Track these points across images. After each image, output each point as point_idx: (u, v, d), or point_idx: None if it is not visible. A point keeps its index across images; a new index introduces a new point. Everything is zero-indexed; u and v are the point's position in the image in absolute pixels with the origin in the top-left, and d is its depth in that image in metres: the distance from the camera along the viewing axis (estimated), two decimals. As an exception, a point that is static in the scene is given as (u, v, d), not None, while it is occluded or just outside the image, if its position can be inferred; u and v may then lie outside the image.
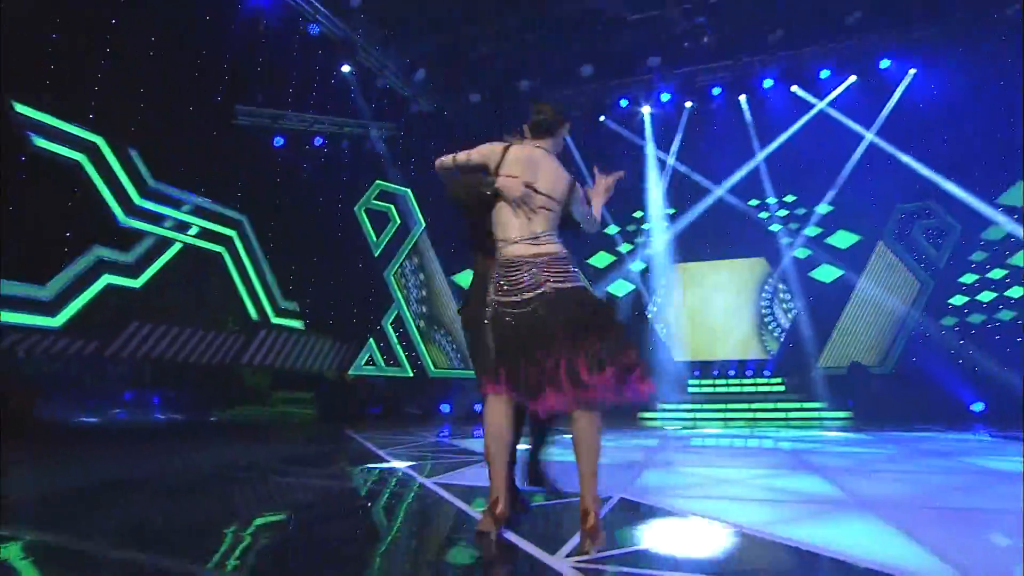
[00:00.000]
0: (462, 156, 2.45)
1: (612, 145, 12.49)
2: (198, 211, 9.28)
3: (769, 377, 11.95)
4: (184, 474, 4.29)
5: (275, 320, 10.48)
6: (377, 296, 12.19)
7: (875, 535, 2.37)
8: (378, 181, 12.36)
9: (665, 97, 11.74)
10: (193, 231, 9.18)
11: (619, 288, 13.44)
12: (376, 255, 12.30)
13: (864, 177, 11.66)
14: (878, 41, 10.28)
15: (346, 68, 10.49)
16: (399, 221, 12.69)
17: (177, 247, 8.80)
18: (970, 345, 10.29)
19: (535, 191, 2.27)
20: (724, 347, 12.63)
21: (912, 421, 9.06)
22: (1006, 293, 10.25)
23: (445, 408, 11.76)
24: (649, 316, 13.27)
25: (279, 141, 10.72)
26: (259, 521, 2.87)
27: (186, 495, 3.50)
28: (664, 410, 11.81)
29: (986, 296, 10.46)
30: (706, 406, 11.50)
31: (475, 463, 4.93)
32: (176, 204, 8.86)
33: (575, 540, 2.17)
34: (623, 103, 12.01)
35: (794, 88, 11.33)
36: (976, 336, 10.34)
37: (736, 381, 11.99)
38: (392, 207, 12.65)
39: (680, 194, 12.80)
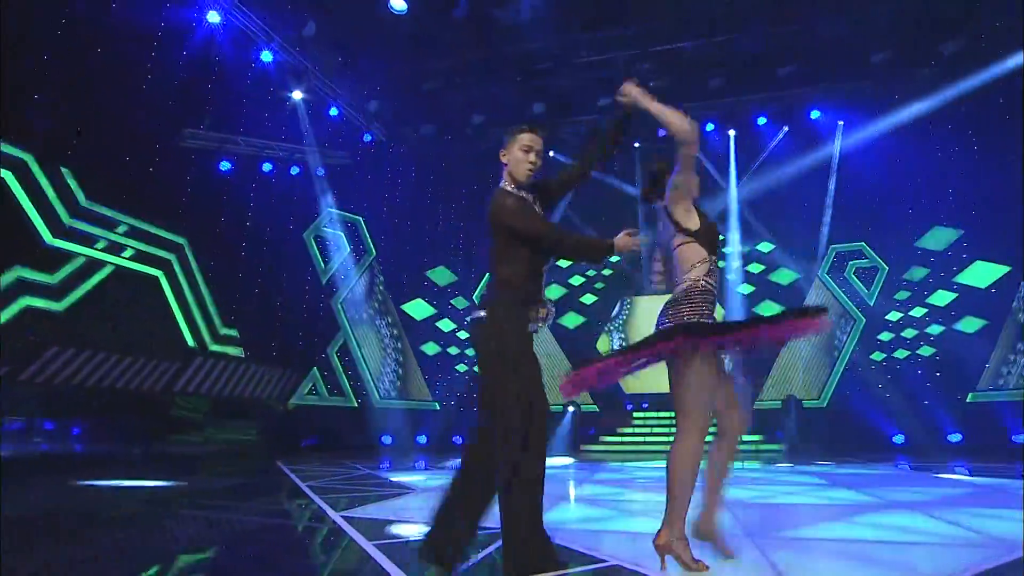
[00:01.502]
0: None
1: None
2: (135, 233, 9.01)
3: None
4: (69, 510, 4.08)
5: (213, 347, 10.16)
6: (323, 324, 11.98)
7: (747, 565, 2.44)
8: (329, 208, 12.29)
9: (615, 136, 12.15)
10: (128, 253, 8.89)
11: (570, 320, 13.59)
12: (324, 282, 12.14)
13: (802, 218, 12.25)
14: (810, 93, 10.95)
15: (298, 95, 10.52)
16: (349, 249, 12.60)
17: (109, 269, 8.50)
18: (895, 379, 10.77)
19: None
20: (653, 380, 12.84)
21: (841, 453, 9.36)
22: (926, 330, 10.82)
23: (387, 440, 11.53)
24: (602, 346, 13.42)
25: (226, 165, 10.58)
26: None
27: (56, 533, 3.33)
28: (606, 442, 11.89)
29: (909, 333, 11.01)
30: (649, 438, 11.63)
31: (398, 495, 4.85)
32: (110, 225, 8.59)
33: None
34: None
35: (732, 132, 11.91)
36: (900, 371, 10.84)
37: (655, 415, 12.17)
38: (343, 235, 12.56)
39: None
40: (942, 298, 10.68)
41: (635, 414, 12.51)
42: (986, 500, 4.64)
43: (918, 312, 10.94)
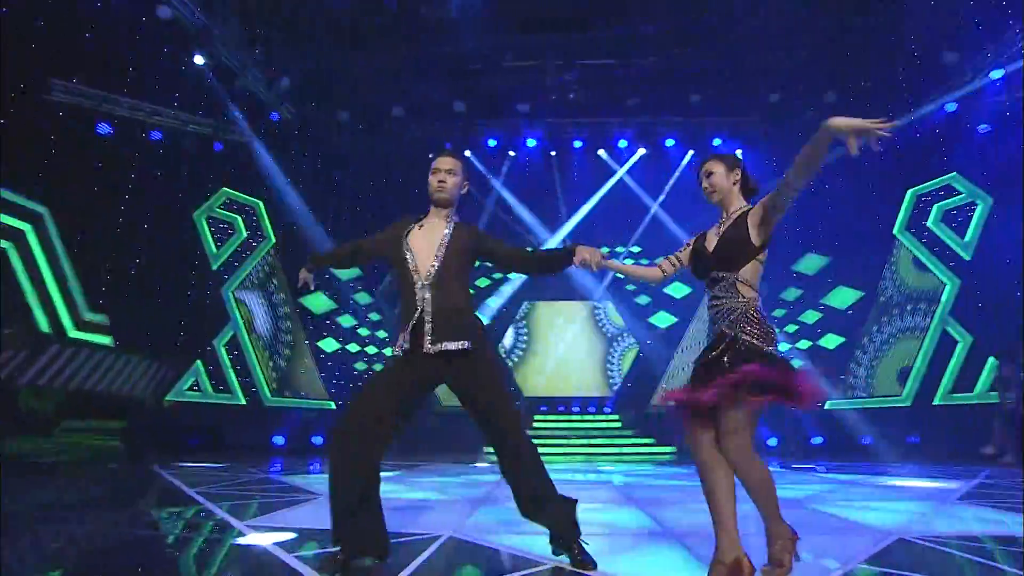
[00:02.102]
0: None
1: (474, 183, 12.78)
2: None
3: (609, 413, 12.73)
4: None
5: (73, 334, 8.89)
6: (211, 313, 10.94)
7: (678, 564, 2.58)
8: (224, 189, 11.28)
9: (531, 143, 12.33)
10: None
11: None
12: (214, 268, 11.10)
13: (692, 234, 13.18)
14: (716, 121, 11.82)
15: (199, 60, 9.53)
16: (245, 234, 11.63)
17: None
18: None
19: None
20: (571, 384, 13.23)
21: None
22: (797, 345, 12.10)
23: (279, 440, 10.77)
24: (501, 351, 13.50)
25: (104, 128, 9.34)
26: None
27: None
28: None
29: (783, 346, 12.22)
30: (550, 440, 11.90)
31: (300, 502, 4.52)
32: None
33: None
34: (491, 143, 12.38)
35: (642, 151, 12.56)
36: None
37: (578, 417, 12.58)
38: (239, 218, 11.57)
39: (537, 234, 13.40)
40: (811, 316, 11.99)
41: (535, 417, 12.74)
42: (852, 494, 5.27)
43: (791, 328, 12.20)
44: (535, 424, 12.55)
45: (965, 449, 8.52)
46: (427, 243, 2.67)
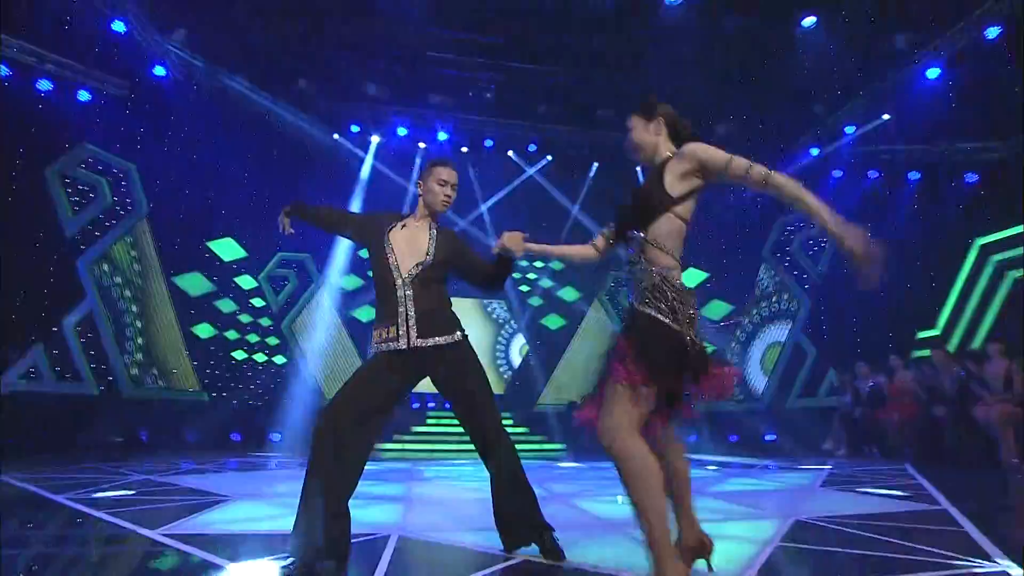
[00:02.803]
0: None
1: (378, 176, 12.44)
2: None
3: (501, 411, 12.94)
4: None
5: None
6: (61, 288, 9.36)
7: (633, 550, 2.74)
8: (89, 145, 9.72)
9: (442, 136, 12.17)
10: None
11: (365, 313, 13.06)
12: (69, 235, 9.52)
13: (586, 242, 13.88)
14: (619, 137, 12.52)
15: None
16: (111, 200, 10.12)
17: None
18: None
19: None
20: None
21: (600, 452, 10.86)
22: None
23: (143, 436, 9.54)
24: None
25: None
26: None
27: None
28: (400, 440, 11.72)
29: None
30: (442, 437, 11.83)
31: (215, 504, 4.10)
32: None
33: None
34: (401, 131, 12.02)
35: (548, 157, 12.96)
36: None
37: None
38: (104, 181, 10.04)
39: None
40: (688, 326, 13.17)
41: (429, 413, 12.58)
42: (736, 484, 5.84)
43: (671, 336, 13.31)
44: (428, 421, 12.40)
45: (811, 445, 9.90)
46: (409, 246, 2.69)
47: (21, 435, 7.96)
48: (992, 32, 8.34)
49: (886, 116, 10.31)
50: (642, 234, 2.03)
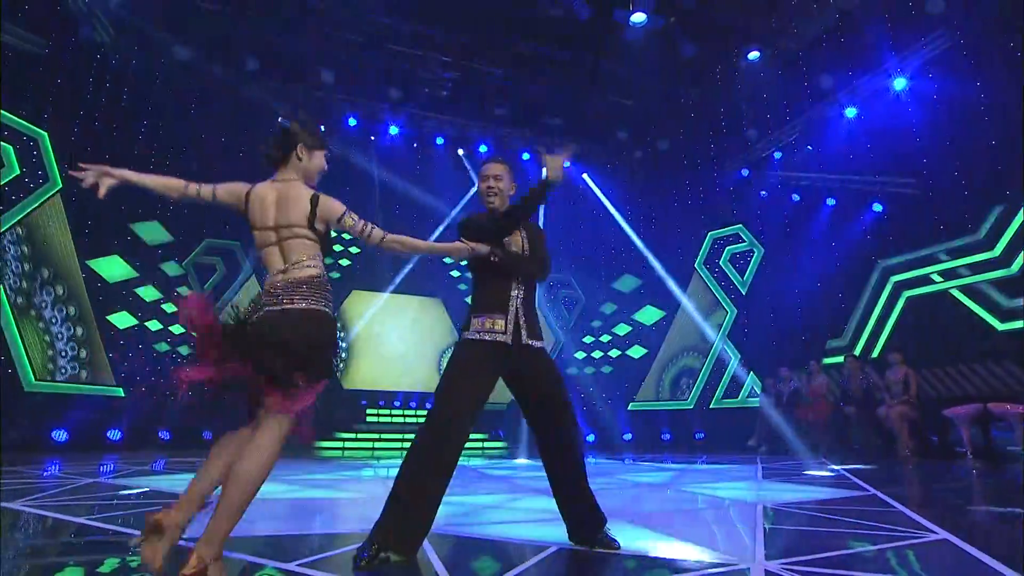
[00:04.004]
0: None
1: (336, 164, 11.92)
2: None
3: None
4: None
5: None
6: (-45, 268, 8.26)
7: (648, 535, 3.01)
8: (-4, 107, 8.62)
9: (393, 130, 11.95)
10: None
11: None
12: (-33, 209, 8.42)
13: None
14: (568, 146, 12.85)
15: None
16: (18, 171, 9.04)
17: None
18: (583, 390, 13.41)
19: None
20: (406, 379, 13.07)
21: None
22: (609, 353, 13.83)
23: (61, 436, 8.64)
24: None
25: None
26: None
27: None
28: (340, 439, 11.41)
29: (597, 354, 13.87)
30: (384, 435, 11.64)
31: (141, 504, 3.92)
32: None
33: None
34: (351, 121, 11.67)
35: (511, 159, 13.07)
36: (588, 383, 13.54)
37: (413, 412, 12.53)
38: (11, 149, 8.94)
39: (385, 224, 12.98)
40: (622, 329, 13.81)
41: (367, 412, 12.34)
42: (687, 479, 6.29)
43: (605, 338, 13.88)
44: (369, 419, 12.16)
45: (735, 443, 10.75)
46: (515, 243, 2.79)
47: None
48: (899, 84, 9.55)
49: (809, 147, 11.39)
50: None
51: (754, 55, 9.81)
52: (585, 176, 13.40)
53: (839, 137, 10.68)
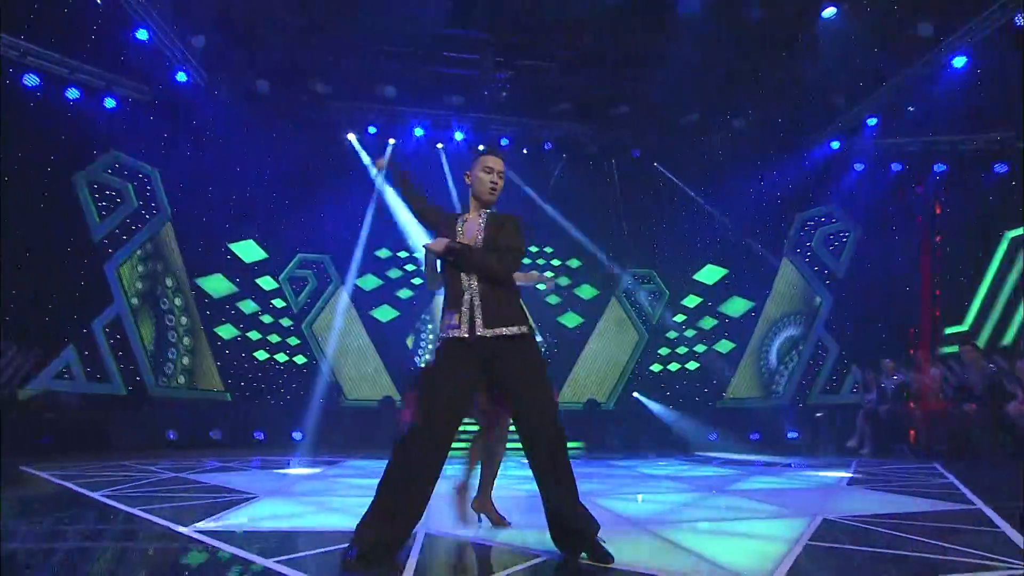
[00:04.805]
0: None
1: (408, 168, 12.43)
2: None
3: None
4: None
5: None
6: (90, 292, 9.61)
7: (663, 549, 2.74)
8: (116, 152, 9.96)
9: (459, 136, 12.22)
10: None
11: (383, 313, 13.17)
12: (97, 240, 9.77)
13: (604, 242, 13.77)
14: (634, 135, 12.43)
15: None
16: (136, 205, 10.37)
17: None
18: (668, 387, 12.83)
19: None
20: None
21: (628, 449, 10.86)
22: (694, 348, 13.12)
23: (171, 435, 9.76)
24: (409, 343, 13.23)
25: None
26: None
27: None
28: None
29: (681, 349, 13.21)
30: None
31: (243, 502, 4.19)
32: None
33: None
34: (418, 132, 12.09)
35: (564, 155, 12.91)
36: (674, 380, 12.95)
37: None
38: (130, 186, 10.28)
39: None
40: (708, 323, 13.05)
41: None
42: (761, 482, 5.84)
43: (690, 333, 13.20)
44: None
45: (834, 443, 9.74)
46: (469, 237, 2.75)
47: (55, 433, 8.21)
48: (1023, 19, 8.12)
49: (910, 108, 10.10)
50: None
51: (830, 11, 8.87)
52: (656, 165, 12.85)
53: (946, 92, 9.34)
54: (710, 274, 13.12)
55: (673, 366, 13.20)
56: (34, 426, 8.42)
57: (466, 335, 2.59)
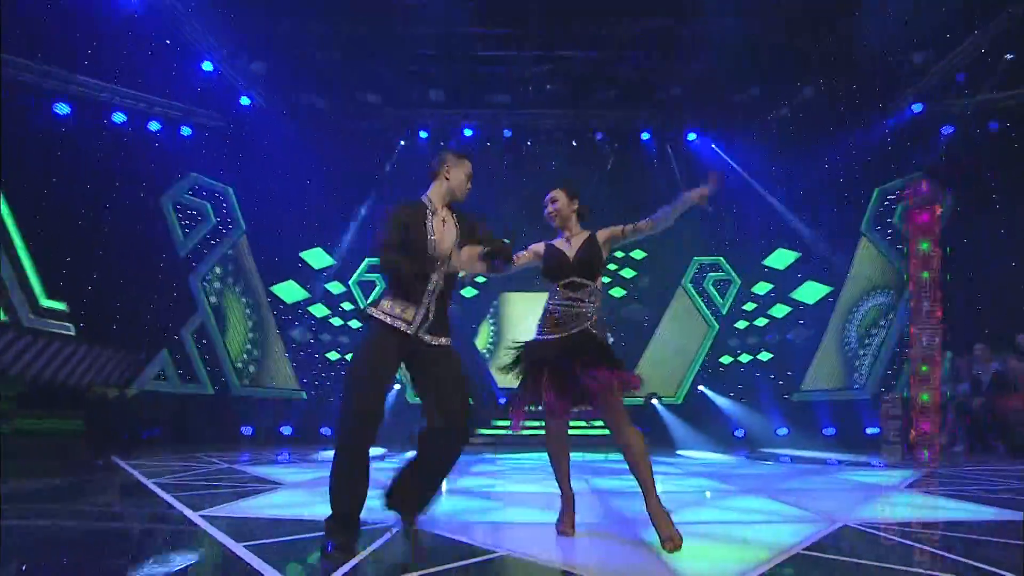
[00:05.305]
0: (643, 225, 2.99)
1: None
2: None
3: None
4: None
5: (31, 322, 8.63)
6: (179, 301, 10.70)
7: (622, 551, 2.60)
8: (194, 174, 11.00)
9: (507, 133, 12.26)
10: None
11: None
12: (182, 256, 10.85)
13: (669, 230, 13.24)
14: (690, 116, 11.87)
15: (167, 41, 9.26)
16: (215, 221, 11.38)
17: None
18: (739, 380, 12.14)
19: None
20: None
21: (692, 444, 10.41)
22: (766, 338, 12.32)
23: (247, 431, 10.65)
24: (479, 343, 13.46)
25: (64, 109, 9.02)
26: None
27: None
28: (481, 435, 12.01)
29: (752, 339, 12.45)
30: (521, 432, 11.95)
31: (264, 491, 4.49)
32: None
33: None
34: (467, 132, 12.27)
35: (618, 145, 12.56)
36: (743, 372, 12.24)
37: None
38: (208, 204, 11.31)
39: (515, 226, 13.34)
40: (780, 310, 12.19)
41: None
42: (810, 482, 5.42)
43: (761, 322, 12.40)
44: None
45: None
46: (448, 234, 2.84)
47: (148, 427, 9.25)
48: None
49: (1008, 55, 8.85)
50: (594, 284, 2.89)
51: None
52: (715, 148, 12.17)
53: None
54: (781, 259, 12.24)
55: (744, 357, 12.48)
56: (139, 422, 9.55)
57: (409, 332, 2.70)
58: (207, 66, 9.96)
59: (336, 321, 12.93)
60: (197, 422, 10.29)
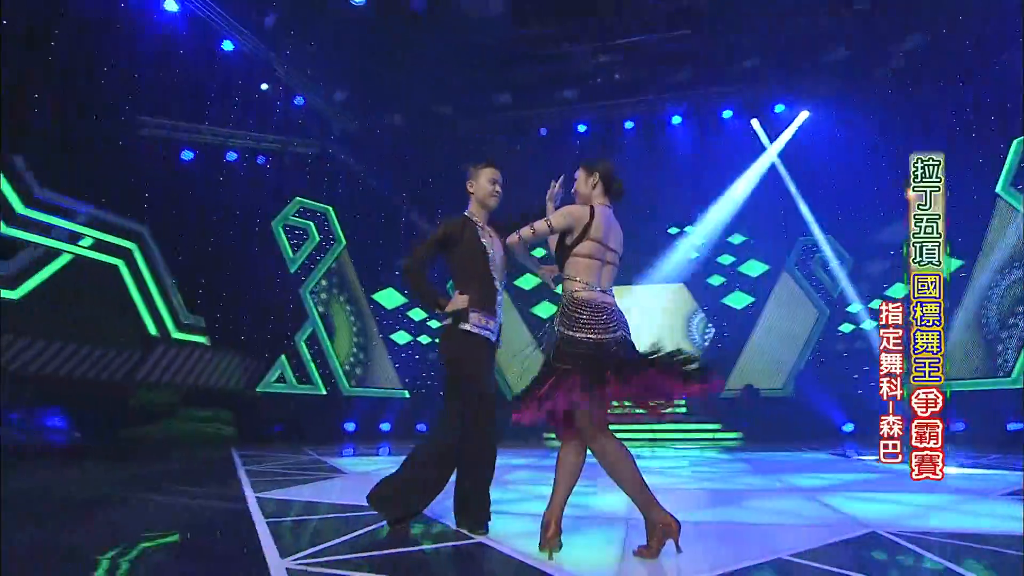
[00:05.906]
0: (542, 226, 2.60)
1: (536, 170, 12.84)
2: (94, 222, 9.03)
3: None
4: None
5: (176, 335, 10.22)
6: (292, 312, 12.05)
7: (596, 545, 2.58)
8: (298, 198, 12.30)
9: (581, 128, 12.17)
10: (86, 242, 8.92)
11: (544, 310, 13.67)
12: (292, 271, 12.19)
13: (768, 210, 12.30)
14: (774, 87, 10.96)
15: (264, 86, 10.51)
16: (318, 238, 12.63)
17: (66, 258, 8.52)
18: (853, 370, 10.95)
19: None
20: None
21: (799, 440, 9.59)
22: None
23: (350, 427, 11.70)
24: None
25: (188, 155, 10.57)
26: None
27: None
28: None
29: (868, 325, 11.16)
30: (613, 426, 11.77)
31: (323, 479, 4.99)
32: (67, 214, 8.61)
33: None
34: (543, 132, 12.38)
35: (698, 125, 11.92)
36: (857, 361, 11.01)
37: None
38: (312, 224, 12.58)
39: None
40: (899, 291, 10.78)
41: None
42: (873, 485, 4.85)
43: (876, 304, 11.05)
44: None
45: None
46: (498, 247, 3.03)
47: (272, 424, 10.57)
48: None
49: None
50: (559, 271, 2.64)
51: None
52: (806, 113, 11.08)
53: None
54: (897, 232, 10.80)
55: (860, 344, 11.22)
56: (265, 420, 10.95)
57: (495, 340, 2.98)
58: (299, 100, 11.11)
59: (434, 324, 13.69)
60: (312, 419, 11.51)
